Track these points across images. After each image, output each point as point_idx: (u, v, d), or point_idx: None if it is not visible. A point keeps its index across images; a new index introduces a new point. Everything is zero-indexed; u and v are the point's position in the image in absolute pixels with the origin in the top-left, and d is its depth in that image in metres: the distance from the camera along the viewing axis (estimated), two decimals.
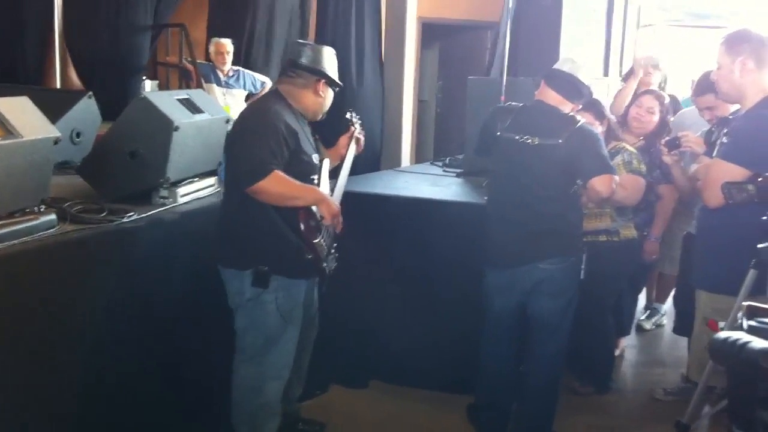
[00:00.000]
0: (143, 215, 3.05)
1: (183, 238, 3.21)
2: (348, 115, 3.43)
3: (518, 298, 3.39)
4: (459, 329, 3.81)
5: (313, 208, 3.00)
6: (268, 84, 7.20)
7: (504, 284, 3.39)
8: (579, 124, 3.28)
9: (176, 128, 3.17)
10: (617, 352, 4.62)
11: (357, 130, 3.42)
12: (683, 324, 4.19)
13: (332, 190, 3.24)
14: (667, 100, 4.35)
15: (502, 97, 4.48)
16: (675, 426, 2.92)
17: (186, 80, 6.83)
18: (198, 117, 3.43)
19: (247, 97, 7.10)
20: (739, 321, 1.20)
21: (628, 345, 4.94)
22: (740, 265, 2.83)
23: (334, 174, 3.33)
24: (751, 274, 2.45)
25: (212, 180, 3.69)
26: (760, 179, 2.16)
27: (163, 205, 3.25)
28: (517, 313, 3.43)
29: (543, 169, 3.26)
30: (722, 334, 1.45)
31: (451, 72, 9.34)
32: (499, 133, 3.37)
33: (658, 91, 4.44)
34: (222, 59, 6.80)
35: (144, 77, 7.12)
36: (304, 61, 3.05)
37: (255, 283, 2.92)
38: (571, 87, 3.33)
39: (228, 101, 6.61)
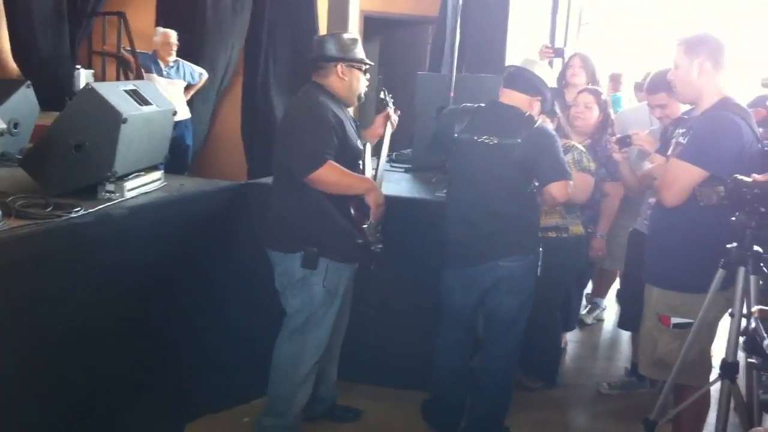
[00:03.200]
0: (91, 210, 2.93)
1: (132, 233, 3.10)
2: (381, 95, 3.54)
3: (477, 296, 3.41)
4: (413, 326, 3.80)
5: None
6: (205, 75, 7.11)
7: (464, 283, 3.40)
8: (537, 124, 3.30)
9: (124, 120, 3.07)
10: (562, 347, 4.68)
11: (391, 109, 3.53)
12: (627, 319, 4.27)
13: (375, 170, 3.38)
14: (603, 95, 4.42)
15: (451, 93, 4.49)
16: (642, 422, 2.95)
17: (124, 70, 6.64)
18: (146, 109, 3.34)
19: (186, 88, 6.97)
20: (753, 324, 1.19)
21: (570, 339, 5.02)
22: (693, 263, 2.90)
23: (374, 152, 3.47)
24: (720, 273, 2.49)
25: (158, 174, 3.60)
26: (729, 182, 2.19)
27: (110, 199, 3.15)
28: (474, 311, 3.46)
29: (502, 168, 3.27)
30: None
31: (391, 66, 9.32)
32: (456, 134, 3.36)
33: (593, 87, 4.50)
34: (169, 49, 6.74)
35: (78, 66, 6.90)
36: (315, 53, 3.21)
37: (304, 264, 3.08)
38: (530, 83, 3.34)
39: (169, 91, 6.48)
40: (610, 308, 5.68)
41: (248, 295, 3.75)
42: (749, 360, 1.22)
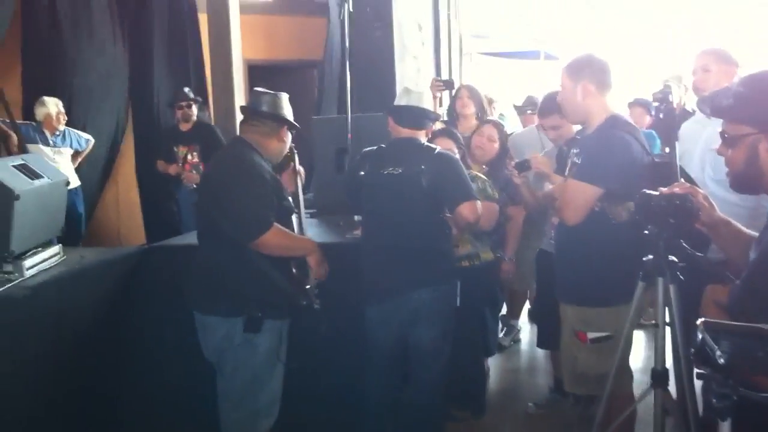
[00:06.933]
0: None
1: (38, 313, 2.97)
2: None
3: (398, 330, 3.41)
4: (342, 371, 3.74)
5: None
6: (92, 141, 6.90)
7: (383, 318, 3.40)
8: (437, 150, 3.40)
9: (17, 197, 2.97)
10: None
11: (296, 162, 3.45)
12: (545, 338, 4.35)
13: (300, 225, 3.34)
14: (504, 127, 4.57)
15: (350, 135, 4.50)
16: None
17: (5, 145, 6.33)
18: (38, 182, 3.25)
19: (73, 155, 6.73)
20: (699, 336, 1.23)
21: (491, 364, 5.06)
22: (601, 278, 2.99)
23: None
24: (641, 285, 2.56)
25: (56, 248, 3.47)
26: (638, 197, 2.27)
27: (9, 281, 3.02)
28: (398, 345, 3.45)
29: (410, 197, 3.32)
30: None
31: None
32: (362, 173, 3.40)
33: (496, 120, 4.65)
34: (61, 118, 6.52)
35: None
36: (265, 108, 3.12)
37: (247, 329, 2.96)
38: (418, 118, 3.45)
39: (57, 160, 6.24)
40: (524, 328, 5.78)
41: (167, 361, 3.64)
42: (698, 371, 1.26)
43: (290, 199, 3.20)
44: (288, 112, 3.19)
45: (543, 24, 11.41)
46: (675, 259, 2.39)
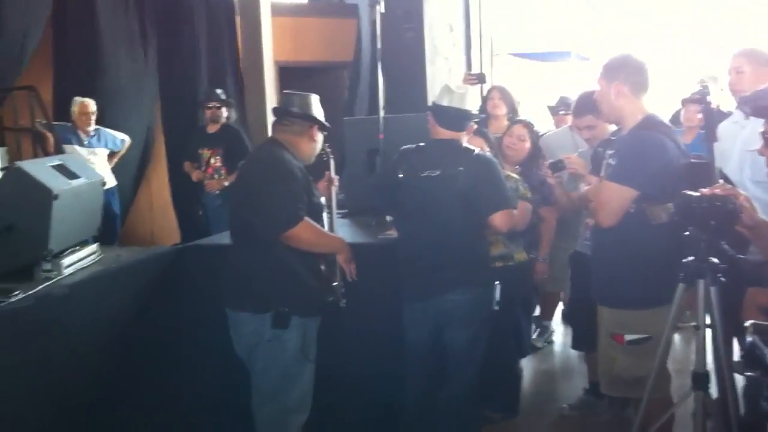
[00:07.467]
0: (30, 292, 2.84)
1: (77, 311, 3.01)
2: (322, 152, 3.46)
3: (430, 330, 3.41)
4: (371, 372, 3.73)
5: None
6: (128, 141, 6.97)
7: (417, 316, 3.41)
8: (476, 152, 3.39)
9: (55, 197, 3.02)
10: None
11: (332, 170, 3.53)
12: (580, 339, 4.31)
13: (330, 226, 3.41)
14: (535, 127, 4.53)
15: (381, 135, 4.50)
16: None
17: (42, 146, 6.43)
18: (75, 182, 3.30)
19: (109, 156, 6.81)
20: (749, 339, 1.21)
21: (524, 365, 5.02)
22: (637, 280, 2.95)
23: None
24: (681, 287, 2.53)
25: (94, 247, 3.52)
26: (677, 198, 2.24)
27: (48, 279, 3.06)
28: (433, 345, 3.45)
29: (447, 199, 3.31)
30: None
31: None
32: (401, 175, 3.41)
33: (526, 120, 4.62)
34: (87, 119, 6.60)
35: None
36: (296, 108, 3.18)
37: (275, 324, 3.00)
38: (460, 120, 3.43)
39: (92, 161, 6.32)
40: (557, 329, 5.74)
41: (200, 358, 3.65)
42: (748, 374, 1.24)
43: (322, 200, 3.23)
44: (318, 112, 3.23)
45: (575, 25, 11.36)
46: (717, 261, 2.35)
